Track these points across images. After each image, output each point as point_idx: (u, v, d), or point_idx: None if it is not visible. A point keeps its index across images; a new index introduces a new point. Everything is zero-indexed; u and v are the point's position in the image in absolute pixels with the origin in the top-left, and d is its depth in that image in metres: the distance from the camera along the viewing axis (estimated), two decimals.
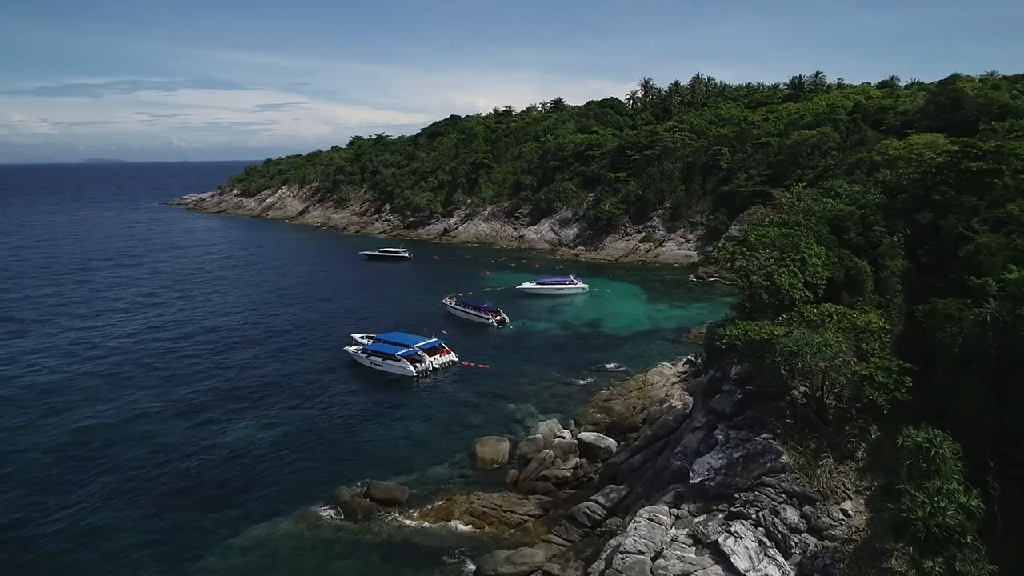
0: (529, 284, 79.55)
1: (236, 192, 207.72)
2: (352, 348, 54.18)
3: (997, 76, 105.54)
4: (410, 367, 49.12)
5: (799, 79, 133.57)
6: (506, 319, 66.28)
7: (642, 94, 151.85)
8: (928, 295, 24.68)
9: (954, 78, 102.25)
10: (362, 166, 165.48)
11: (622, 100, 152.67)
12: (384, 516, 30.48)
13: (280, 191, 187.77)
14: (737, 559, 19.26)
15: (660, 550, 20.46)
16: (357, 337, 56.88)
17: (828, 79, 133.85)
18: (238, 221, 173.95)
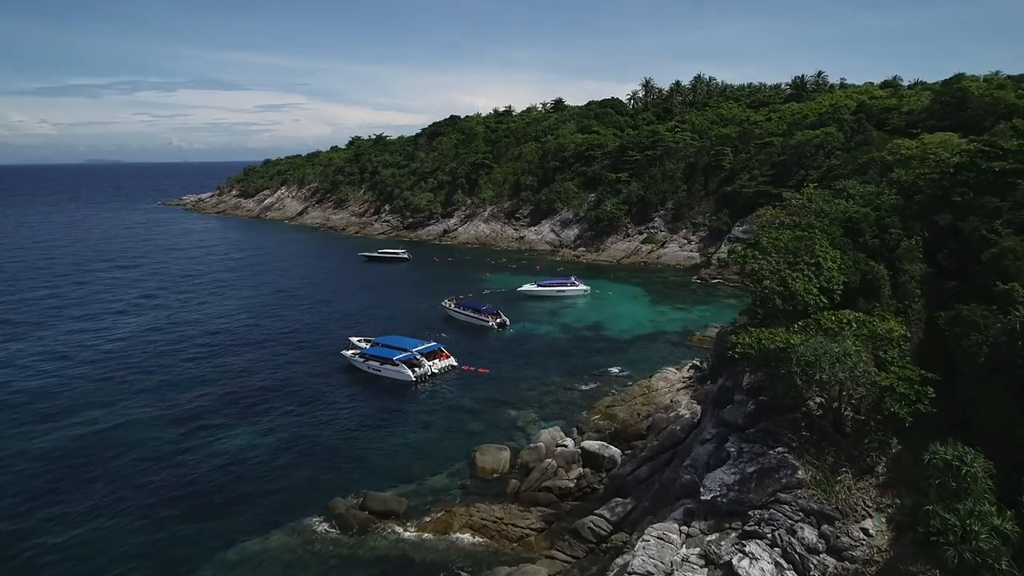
0: (530, 286, 78.36)
1: (235, 193, 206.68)
2: (349, 352, 53.05)
3: (1002, 76, 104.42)
4: (408, 372, 47.99)
5: (801, 79, 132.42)
6: (506, 321, 65.22)
7: (643, 94, 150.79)
8: (949, 301, 23.60)
9: (958, 77, 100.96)
10: (361, 166, 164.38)
11: (623, 100, 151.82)
12: (380, 529, 29.37)
13: (279, 192, 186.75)
14: None
15: (670, 571, 19.38)
16: (355, 340, 55.84)
17: (830, 79, 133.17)
18: (236, 222, 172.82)
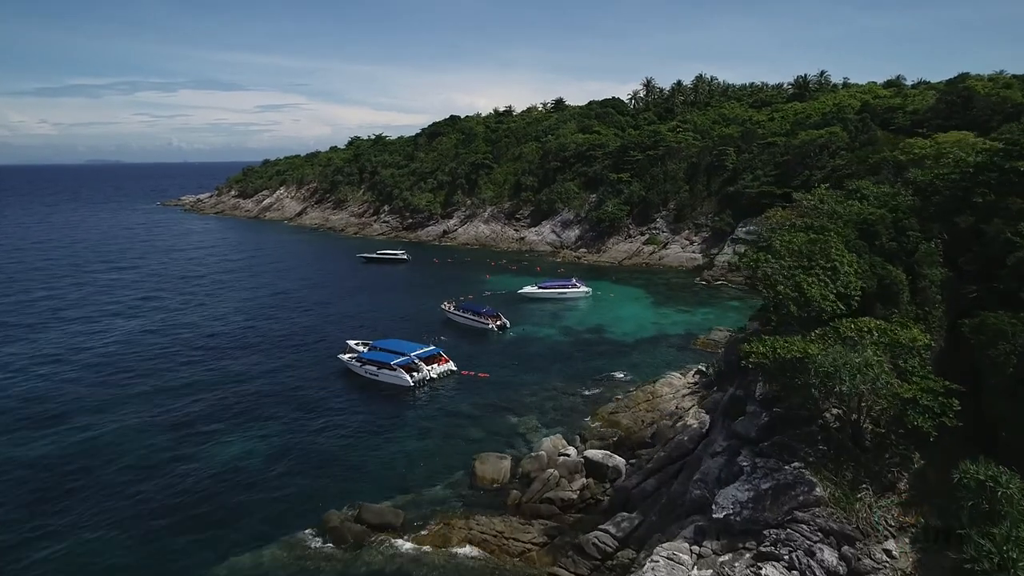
0: (530, 288, 77.15)
1: (234, 193, 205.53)
2: (346, 356, 51.93)
3: (1007, 75, 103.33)
4: (406, 377, 46.85)
5: (804, 78, 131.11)
6: (507, 324, 64.13)
7: (644, 94, 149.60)
8: (972, 307, 22.52)
9: (963, 77, 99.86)
10: (361, 167, 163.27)
11: (624, 100, 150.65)
12: (376, 543, 28.24)
13: (278, 192, 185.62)
14: None
15: None
16: (352, 344, 54.69)
17: (833, 78, 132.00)
18: (235, 222, 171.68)
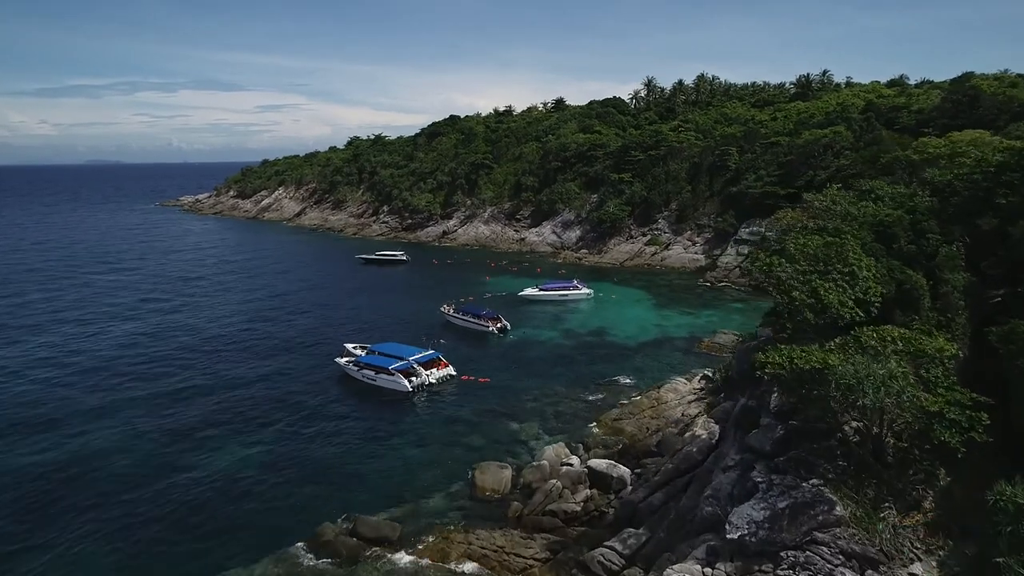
0: (531, 290, 75.96)
1: (232, 193, 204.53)
2: (343, 360, 50.83)
3: (1012, 74, 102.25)
4: (404, 382, 45.73)
5: (806, 77, 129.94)
6: (507, 326, 63.05)
7: (645, 93, 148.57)
8: (996, 313, 21.42)
9: (968, 76, 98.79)
10: (360, 167, 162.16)
11: (625, 100, 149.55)
12: (372, 558, 27.13)
13: (277, 192, 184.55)
14: None
15: None
16: (350, 348, 53.64)
17: (836, 78, 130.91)
18: (234, 223, 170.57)
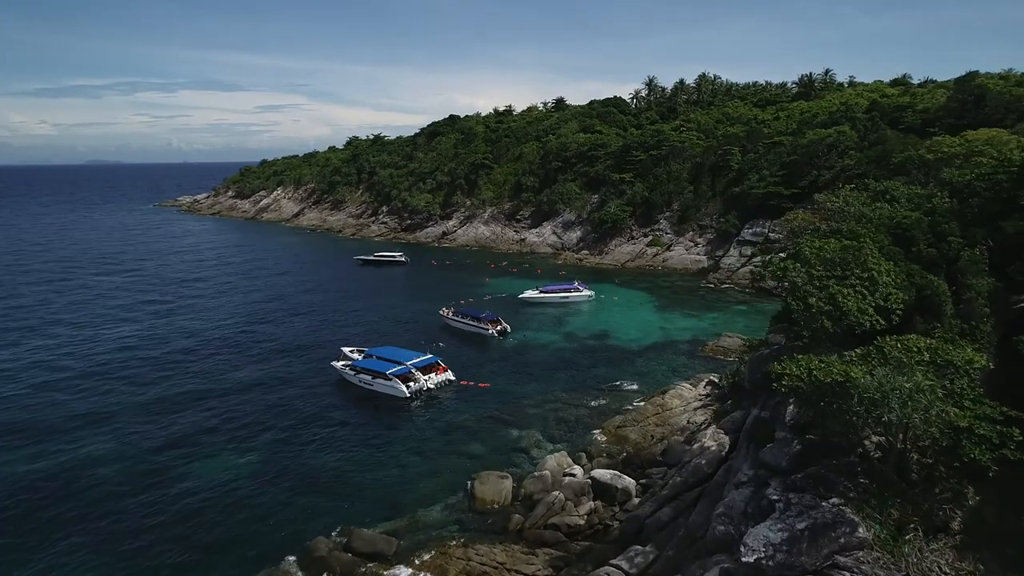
0: (531, 292, 74.79)
1: (231, 194, 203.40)
2: (340, 364, 49.73)
3: (1017, 73, 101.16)
4: (402, 387, 44.61)
5: (809, 77, 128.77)
6: (507, 328, 61.98)
7: (646, 93, 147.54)
8: (1022, 320, 20.32)
9: (973, 75, 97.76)
10: (359, 167, 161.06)
11: (626, 99, 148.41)
12: (366, 575, 26.07)
13: (275, 193, 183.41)
14: None
15: None
16: (347, 351, 52.52)
17: (838, 77, 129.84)
18: (232, 224, 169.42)
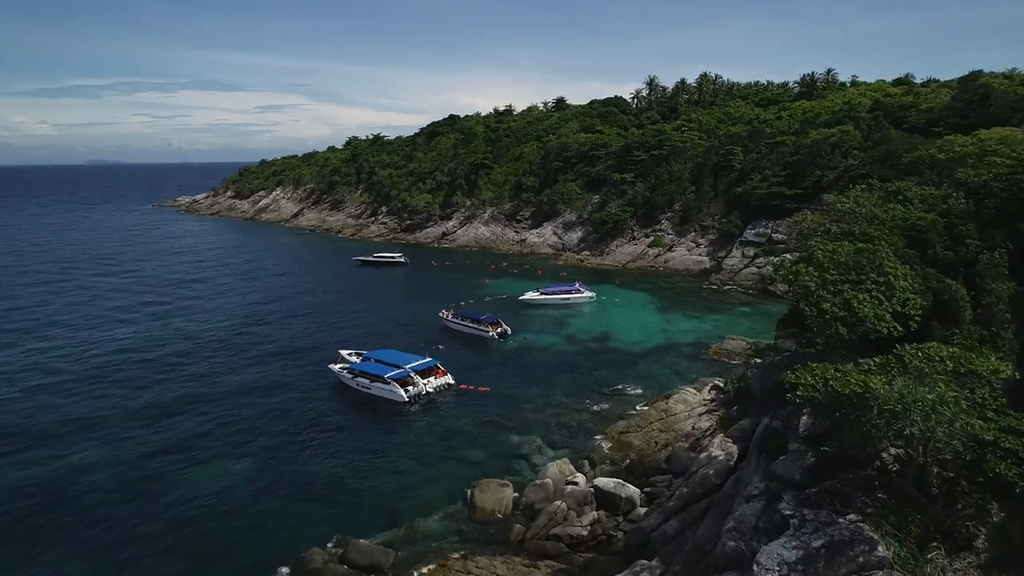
0: (532, 294, 73.89)
1: (230, 194, 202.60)
2: (337, 367, 48.93)
3: (1021, 72, 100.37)
4: (400, 391, 43.79)
5: (811, 76, 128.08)
6: (508, 331, 61.16)
7: (647, 92, 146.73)
8: None
9: (977, 74, 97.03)
10: (358, 167, 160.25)
11: (626, 99, 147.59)
12: None
13: (274, 193, 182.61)
14: None
15: None
16: (345, 354, 51.69)
17: (840, 77, 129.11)
18: (231, 224, 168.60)
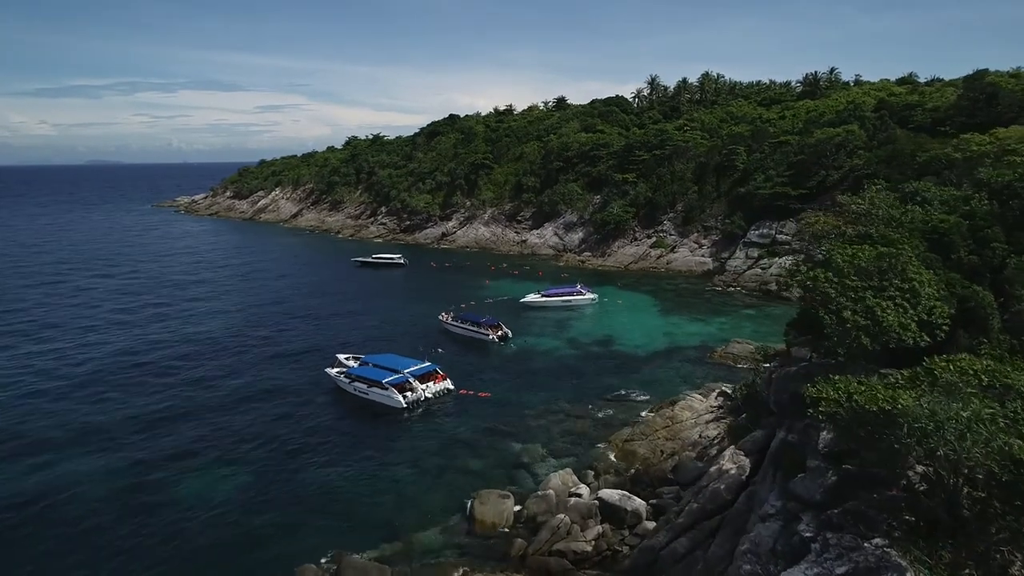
0: (533, 296, 72.74)
1: (229, 194, 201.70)
2: (334, 371, 47.85)
3: None
4: (398, 397, 42.69)
5: (814, 75, 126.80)
6: (508, 333, 60.05)
7: (648, 92, 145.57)
8: None
9: (983, 73, 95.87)
10: (358, 167, 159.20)
11: (628, 99, 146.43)
12: None
13: (273, 193, 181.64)
14: None
15: None
16: (342, 358, 50.56)
17: (843, 76, 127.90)
18: (230, 224, 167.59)
